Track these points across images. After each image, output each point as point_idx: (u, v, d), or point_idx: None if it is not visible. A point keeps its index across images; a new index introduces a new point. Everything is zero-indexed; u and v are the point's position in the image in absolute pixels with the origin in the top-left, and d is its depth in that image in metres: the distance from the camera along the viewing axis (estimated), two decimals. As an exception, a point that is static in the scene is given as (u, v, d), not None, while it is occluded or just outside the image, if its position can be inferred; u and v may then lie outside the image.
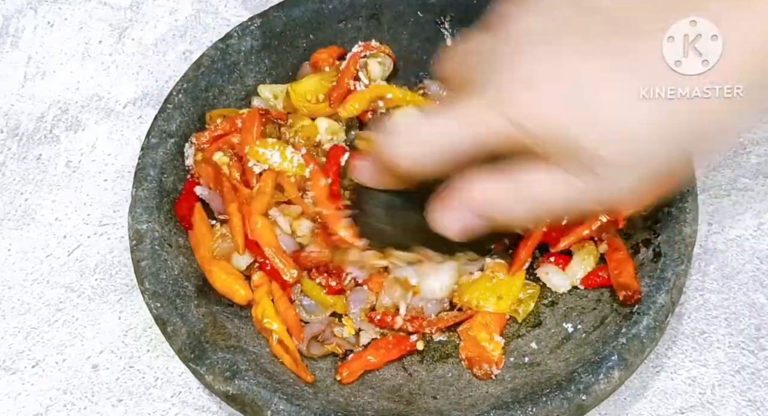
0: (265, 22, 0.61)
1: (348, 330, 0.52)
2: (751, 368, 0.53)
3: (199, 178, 0.56)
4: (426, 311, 0.53)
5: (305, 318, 0.53)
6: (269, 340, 0.51)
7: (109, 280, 0.58)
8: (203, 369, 0.47)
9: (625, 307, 0.49)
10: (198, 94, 0.58)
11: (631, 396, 0.53)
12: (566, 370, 0.47)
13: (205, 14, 0.71)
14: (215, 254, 0.53)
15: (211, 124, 0.58)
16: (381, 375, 0.52)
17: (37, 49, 0.69)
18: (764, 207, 0.59)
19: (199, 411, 0.54)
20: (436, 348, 0.53)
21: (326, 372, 0.51)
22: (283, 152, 0.55)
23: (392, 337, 0.52)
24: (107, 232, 0.60)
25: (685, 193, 0.52)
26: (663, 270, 0.50)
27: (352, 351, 0.52)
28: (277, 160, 0.55)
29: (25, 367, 0.55)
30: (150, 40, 0.69)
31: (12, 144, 0.65)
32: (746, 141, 0.62)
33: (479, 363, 0.51)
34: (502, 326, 0.53)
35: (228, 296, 0.52)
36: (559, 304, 0.54)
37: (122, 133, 0.65)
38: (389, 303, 0.52)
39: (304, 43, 0.62)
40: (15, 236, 0.60)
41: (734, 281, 0.56)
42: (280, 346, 0.50)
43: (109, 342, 0.56)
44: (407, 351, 0.52)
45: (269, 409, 0.46)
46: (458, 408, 0.48)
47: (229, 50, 0.60)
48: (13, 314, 0.57)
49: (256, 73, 0.61)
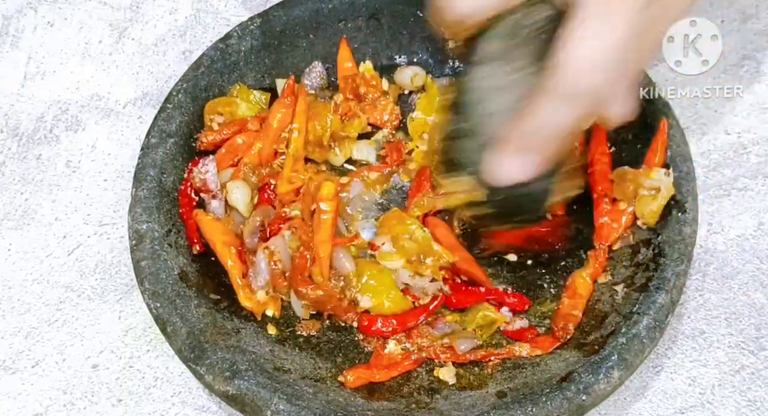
0: (265, 21, 0.61)
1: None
2: (751, 368, 0.53)
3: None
4: (458, 349, 0.52)
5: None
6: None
7: (109, 280, 0.58)
8: (203, 369, 0.47)
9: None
10: (198, 94, 0.58)
11: (631, 396, 0.53)
12: (566, 370, 0.47)
13: (205, 14, 0.71)
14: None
15: (210, 121, 0.58)
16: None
17: (37, 49, 0.69)
18: (764, 207, 0.59)
19: (199, 411, 0.54)
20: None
21: (327, 372, 0.51)
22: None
23: (409, 362, 0.52)
24: (107, 232, 0.60)
25: (685, 193, 0.52)
26: (663, 270, 0.50)
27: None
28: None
29: (25, 367, 0.55)
30: (150, 40, 0.69)
31: (12, 144, 0.65)
32: (746, 141, 0.62)
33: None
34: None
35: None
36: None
37: (122, 133, 0.65)
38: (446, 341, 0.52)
39: (304, 43, 0.62)
40: (15, 236, 0.60)
41: (734, 281, 0.56)
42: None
43: (109, 341, 0.56)
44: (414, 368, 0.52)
45: (269, 409, 0.46)
46: (458, 409, 0.48)
47: (229, 50, 0.60)
48: (13, 314, 0.57)
49: (256, 73, 0.61)
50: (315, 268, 0.53)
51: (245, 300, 0.53)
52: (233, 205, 0.57)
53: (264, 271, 0.54)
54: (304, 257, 0.53)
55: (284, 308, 0.54)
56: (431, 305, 0.53)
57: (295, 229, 0.54)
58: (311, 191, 0.55)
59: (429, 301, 0.53)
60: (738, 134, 0.62)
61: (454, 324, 0.53)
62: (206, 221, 0.55)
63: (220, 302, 0.53)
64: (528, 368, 0.50)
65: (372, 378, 0.51)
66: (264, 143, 0.58)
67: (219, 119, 0.59)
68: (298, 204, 0.56)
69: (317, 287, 0.52)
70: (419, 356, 0.52)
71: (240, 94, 0.60)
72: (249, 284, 0.54)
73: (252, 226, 0.55)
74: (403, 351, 0.52)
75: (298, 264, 0.53)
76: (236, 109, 0.60)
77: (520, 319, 0.53)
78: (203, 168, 0.57)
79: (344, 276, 0.53)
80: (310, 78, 0.63)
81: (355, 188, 0.57)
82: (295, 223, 0.55)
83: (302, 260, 0.53)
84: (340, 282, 0.53)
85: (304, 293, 0.52)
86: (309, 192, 0.56)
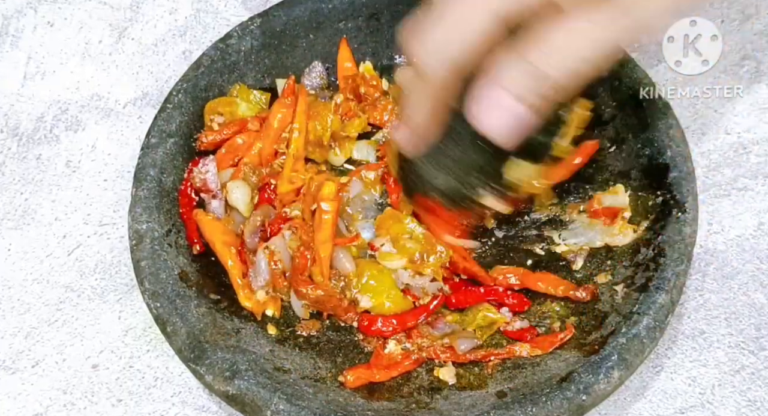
0: (265, 21, 0.61)
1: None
2: (751, 368, 0.53)
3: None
4: (459, 349, 0.52)
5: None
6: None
7: (109, 280, 0.58)
8: (203, 369, 0.47)
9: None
10: (198, 94, 0.58)
11: (631, 396, 0.53)
12: (566, 370, 0.47)
13: (205, 14, 0.71)
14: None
15: (210, 121, 0.58)
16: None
17: (37, 49, 0.69)
18: (764, 207, 0.59)
19: (199, 411, 0.54)
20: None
21: (327, 372, 0.51)
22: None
23: (410, 361, 0.52)
24: (107, 232, 0.60)
25: (685, 193, 0.52)
26: (663, 270, 0.50)
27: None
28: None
29: (25, 367, 0.55)
30: (150, 40, 0.69)
31: (12, 144, 0.65)
32: (746, 141, 0.62)
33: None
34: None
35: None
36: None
37: (122, 133, 0.65)
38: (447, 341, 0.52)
39: (304, 43, 0.62)
40: (15, 236, 0.60)
41: (734, 281, 0.56)
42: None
43: (109, 341, 0.56)
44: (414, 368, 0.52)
45: (269, 409, 0.46)
46: (458, 409, 0.48)
47: (229, 50, 0.60)
48: (13, 314, 0.57)
49: (256, 73, 0.61)
50: (315, 268, 0.53)
51: (245, 300, 0.53)
52: (233, 205, 0.57)
53: (264, 271, 0.54)
54: (305, 257, 0.53)
55: (284, 308, 0.54)
56: (431, 305, 0.53)
57: (296, 229, 0.54)
58: (312, 191, 0.55)
59: (429, 301, 0.53)
60: (738, 134, 0.62)
61: (454, 324, 0.53)
62: (206, 221, 0.55)
63: (220, 303, 0.53)
64: (528, 368, 0.50)
65: (372, 378, 0.51)
66: (264, 142, 0.58)
67: (219, 119, 0.59)
68: (298, 204, 0.56)
69: (317, 287, 0.52)
70: (419, 356, 0.52)
71: (240, 94, 0.60)
72: (249, 284, 0.54)
73: (252, 226, 0.55)
74: (403, 351, 0.52)
75: (299, 264, 0.53)
76: (236, 109, 0.60)
77: (520, 319, 0.53)
78: (203, 168, 0.57)
79: (344, 276, 0.53)
80: (310, 78, 0.63)
81: (354, 188, 0.57)
82: (295, 223, 0.55)
83: (302, 260, 0.53)
84: (340, 282, 0.53)
85: (304, 293, 0.52)
86: (309, 192, 0.56)
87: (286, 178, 0.57)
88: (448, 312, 0.54)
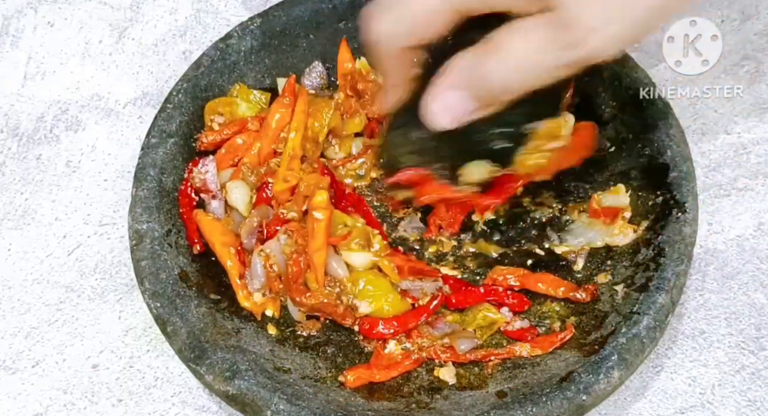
0: (265, 21, 0.61)
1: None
2: (751, 368, 0.53)
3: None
4: (459, 349, 0.52)
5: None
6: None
7: (109, 280, 0.58)
8: (203, 369, 0.47)
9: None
10: (198, 94, 0.58)
11: (631, 396, 0.53)
12: (566, 370, 0.47)
13: (205, 14, 0.71)
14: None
15: (210, 121, 0.58)
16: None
17: (37, 49, 0.69)
18: (764, 207, 0.59)
19: (199, 411, 0.54)
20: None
21: (327, 372, 0.51)
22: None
23: (410, 361, 0.52)
24: (107, 232, 0.60)
25: (685, 193, 0.52)
26: (663, 270, 0.50)
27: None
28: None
29: (25, 367, 0.55)
30: (150, 40, 0.69)
31: (12, 144, 0.65)
32: (746, 141, 0.62)
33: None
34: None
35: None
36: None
37: (122, 133, 0.65)
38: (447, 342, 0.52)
39: (304, 43, 0.62)
40: (15, 236, 0.60)
41: (734, 281, 0.56)
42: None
43: (109, 341, 0.56)
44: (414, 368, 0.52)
45: (269, 409, 0.46)
46: (458, 409, 0.48)
47: (229, 50, 0.60)
48: (13, 314, 0.57)
49: (256, 73, 0.61)
50: (310, 274, 0.53)
51: (245, 300, 0.53)
52: (233, 205, 0.57)
53: (260, 274, 0.53)
54: (299, 264, 0.53)
55: (284, 308, 0.54)
56: (431, 305, 0.53)
57: (291, 232, 0.54)
58: (302, 191, 0.55)
59: (429, 301, 0.53)
60: (738, 134, 0.62)
61: (454, 324, 0.53)
62: (206, 221, 0.55)
63: (220, 302, 0.53)
64: (528, 368, 0.50)
65: (372, 378, 0.51)
66: (263, 142, 0.58)
67: (219, 119, 0.59)
68: (294, 205, 0.56)
69: (313, 295, 0.52)
70: (419, 356, 0.52)
71: (240, 94, 0.60)
72: (247, 285, 0.54)
73: (249, 226, 0.55)
74: (404, 351, 0.52)
75: (293, 273, 0.53)
76: (236, 109, 0.60)
77: (520, 319, 0.53)
78: (203, 168, 0.57)
79: (339, 282, 0.53)
80: (310, 78, 0.63)
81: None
82: (291, 226, 0.54)
83: (297, 267, 0.53)
84: (335, 288, 0.53)
85: (300, 302, 0.52)
86: (300, 191, 0.55)
87: (281, 177, 0.57)
88: (448, 312, 0.54)
